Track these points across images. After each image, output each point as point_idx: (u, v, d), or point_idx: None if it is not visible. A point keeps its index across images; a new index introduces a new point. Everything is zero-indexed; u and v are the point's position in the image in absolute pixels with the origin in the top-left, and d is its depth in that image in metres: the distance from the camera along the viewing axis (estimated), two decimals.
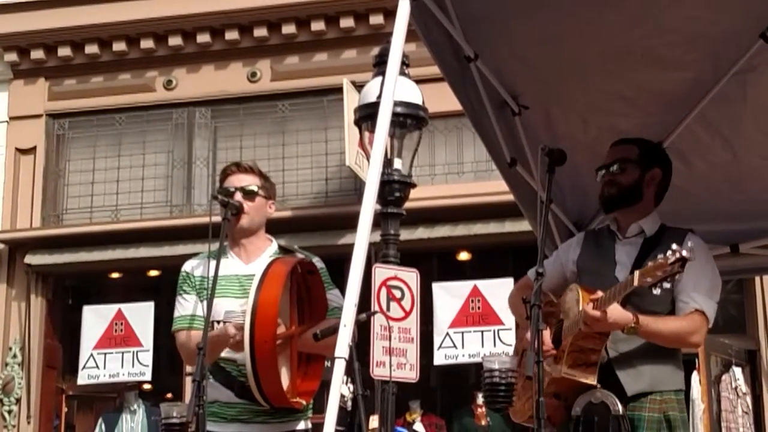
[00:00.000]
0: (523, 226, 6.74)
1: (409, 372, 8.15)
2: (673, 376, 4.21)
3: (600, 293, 3.92)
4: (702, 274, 4.12)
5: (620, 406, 4.01)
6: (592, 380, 4.04)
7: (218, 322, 4.27)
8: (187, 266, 4.49)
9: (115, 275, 14.16)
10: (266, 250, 4.47)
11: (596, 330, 3.94)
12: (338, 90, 12.02)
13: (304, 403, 4.32)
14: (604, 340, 4.05)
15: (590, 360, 4.05)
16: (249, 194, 4.43)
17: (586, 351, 4.04)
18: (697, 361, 11.36)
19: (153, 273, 13.83)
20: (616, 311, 3.90)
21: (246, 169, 4.52)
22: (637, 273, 3.78)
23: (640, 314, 3.98)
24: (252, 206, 4.42)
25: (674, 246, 3.68)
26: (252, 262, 4.39)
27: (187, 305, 4.40)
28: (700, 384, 11.53)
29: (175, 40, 13.39)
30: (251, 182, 4.46)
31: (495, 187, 8.82)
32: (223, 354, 4.27)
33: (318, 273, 4.42)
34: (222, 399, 4.28)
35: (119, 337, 12.65)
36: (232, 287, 4.34)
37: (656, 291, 3.73)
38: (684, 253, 3.63)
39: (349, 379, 6.43)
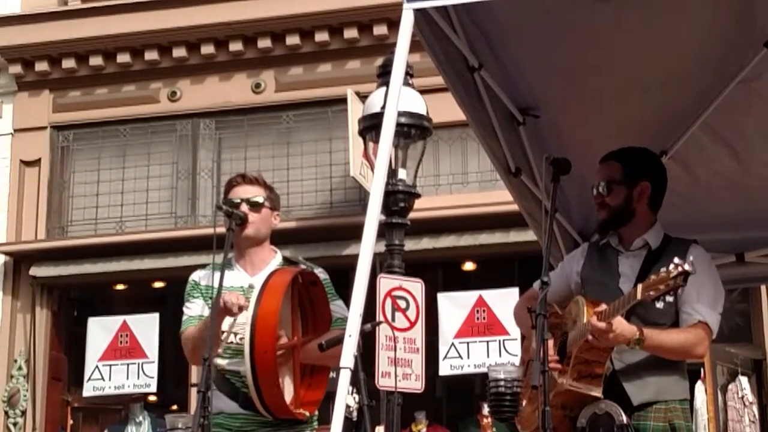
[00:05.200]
0: (528, 235, 6.75)
1: (414, 382, 8.15)
2: (678, 386, 4.21)
3: (604, 306, 3.92)
4: (705, 285, 4.11)
5: (624, 416, 4.00)
6: (597, 392, 4.04)
7: (223, 332, 4.27)
8: (195, 276, 4.51)
9: (120, 287, 14.17)
10: (271, 261, 4.47)
11: (602, 343, 3.94)
12: (342, 101, 12.03)
13: (307, 414, 4.31)
14: (609, 353, 4.05)
15: (595, 372, 4.05)
16: (254, 205, 4.43)
17: (591, 363, 4.04)
18: (702, 370, 11.34)
19: (158, 284, 13.83)
20: (622, 324, 3.91)
21: (251, 180, 4.52)
22: (640, 286, 3.78)
23: (645, 327, 3.98)
24: (258, 217, 4.42)
25: (676, 260, 3.69)
26: (257, 274, 4.39)
27: (195, 308, 4.41)
28: (706, 393, 11.50)
29: (179, 52, 13.41)
30: (257, 193, 4.46)
31: (500, 197, 8.82)
32: (227, 366, 4.27)
33: (321, 284, 4.41)
34: (227, 410, 4.28)
35: (124, 348, 12.66)
36: None
37: (659, 304, 3.75)
38: (686, 266, 3.64)
39: (355, 390, 6.44)
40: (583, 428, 4.05)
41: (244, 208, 4.39)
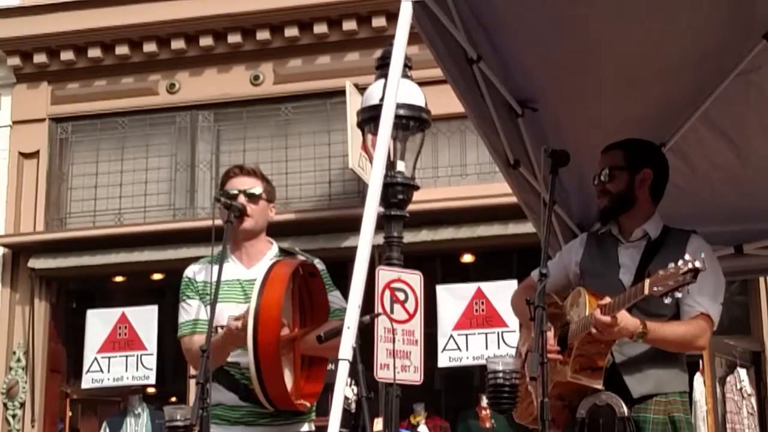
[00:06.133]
0: (527, 227, 6.75)
1: (413, 374, 8.15)
2: (677, 378, 4.21)
3: (608, 299, 3.91)
4: (706, 276, 4.07)
5: (625, 408, 4.01)
6: (598, 384, 4.04)
7: (221, 327, 4.26)
8: (189, 271, 4.49)
9: (118, 279, 14.18)
10: (267, 253, 4.47)
11: (606, 336, 3.94)
12: (341, 93, 12.03)
13: (308, 405, 4.32)
14: (611, 345, 4.05)
15: (596, 364, 4.04)
16: (252, 197, 4.42)
17: (593, 355, 4.03)
18: (701, 362, 11.35)
19: (156, 276, 13.84)
20: (626, 318, 3.90)
21: (249, 172, 4.51)
22: (647, 282, 3.76)
23: (647, 319, 3.97)
24: (255, 209, 4.42)
25: (687, 256, 3.67)
26: (253, 266, 4.39)
27: (190, 310, 4.40)
28: (705, 385, 11.51)
29: (177, 44, 13.40)
30: (254, 185, 4.46)
31: (498, 189, 8.83)
32: (227, 358, 4.27)
33: (319, 275, 4.42)
34: (226, 402, 4.28)
35: (123, 340, 12.67)
36: (234, 292, 4.34)
37: (667, 300, 3.73)
38: (697, 264, 3.63)
39: (353, 382, 6.43)
40: (583, 419, 4.05)
41: (242, 199, 4.39)
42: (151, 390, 13.50)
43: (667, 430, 4.09)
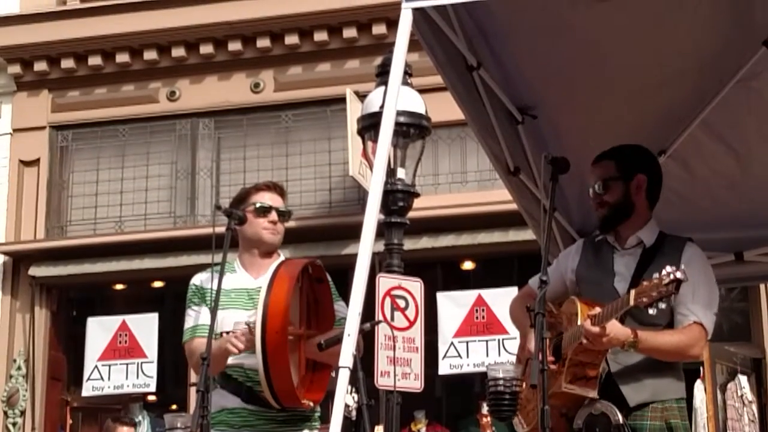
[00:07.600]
0: (527, 234, 6.75)
1: (413, 382, 8.14)
2: (674, 386, 4.21)
3: (598, 309, 3.92)
4: (700, 285, 4.10)
5: (620, 416, 4.01)
6: (592, 394, 4.04)
7: (226, 332, 4.28)
8: (196, 279, 4.54)
9: (119, 287, 14.16)
10: (274, 265, 4.50)
11: (596, 346, 3.94)
12: (341, 100, 12.03)
13: (311, 404, 4.32)
14: (604, 355, 4.05)
15: (590, 374, 4.04)
16: (283, 215, 4.55)
17: (586, 365, 4.03)
18: (702, 369, 11.33)
19: (157, 284, 13.83)
20: (615, 327, 3.90)
21: (281, 190, 4.62)
22: (632, 292, 3.78)
23: (640, 328, 3.97)
24: (282, 228, 4.56)
25: (668, 267, 3.68)
26: (261, 276, 4.42)
27: (195, 316, 4.44)
28: (706, 392, 11.49)
29: (178, 51, 13.40)
30: (284, 205, 4.58)
31: (499, 196, 8.83)
32: (231, 360, 4.28)
33: (327, 282, 4.49)
34: (229, 406, 4.30)
35: (123, 348, 12.66)
36: (240, 299, 4.38)
37: (652, 311, 3.73)
38: (678, 274, 3.64)
39: (354, 389, 6.43)
40: (580, 430, 4.05)
41: (275, 216, 4.48)
42: (151, 398, 13.49)
43: None
